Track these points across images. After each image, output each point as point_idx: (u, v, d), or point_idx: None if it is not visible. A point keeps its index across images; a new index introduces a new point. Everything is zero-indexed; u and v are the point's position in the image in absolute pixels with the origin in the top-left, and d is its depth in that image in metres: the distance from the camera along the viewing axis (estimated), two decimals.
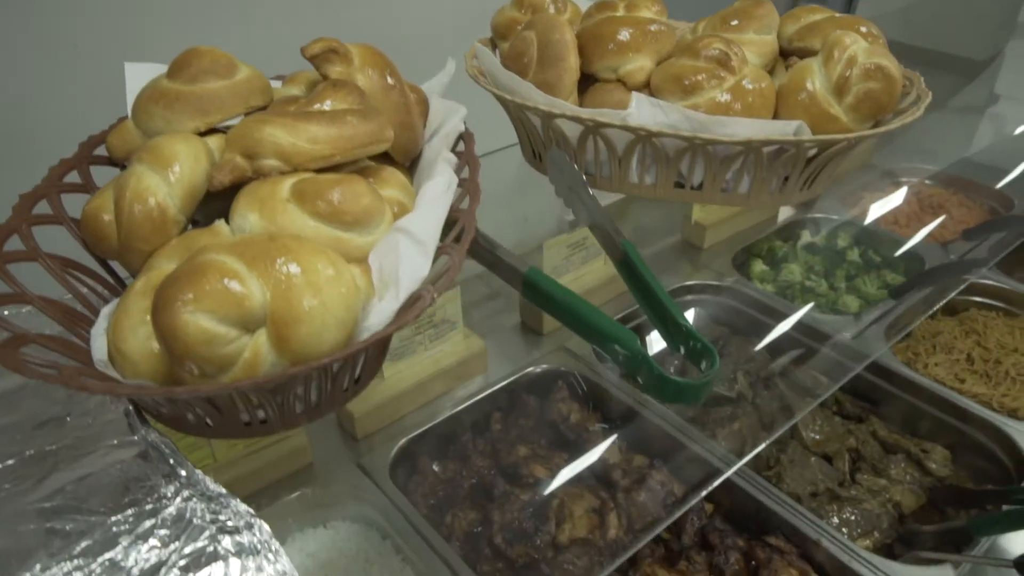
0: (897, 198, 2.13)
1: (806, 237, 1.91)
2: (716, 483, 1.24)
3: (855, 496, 1.28)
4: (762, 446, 1.44)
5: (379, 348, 0.66)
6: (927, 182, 2.21)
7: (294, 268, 0.45)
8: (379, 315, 0.53)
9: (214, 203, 0.64)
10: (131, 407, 0.51)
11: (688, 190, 1.05)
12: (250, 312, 0.46)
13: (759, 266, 1.83)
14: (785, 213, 1.98)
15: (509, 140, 1.32)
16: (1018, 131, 2.19)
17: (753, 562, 1.18)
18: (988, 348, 1.59)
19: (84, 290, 0.65)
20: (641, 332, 0.77)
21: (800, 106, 1.00)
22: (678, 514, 1.25)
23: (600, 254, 1.63)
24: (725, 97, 0.99)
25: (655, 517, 1.24)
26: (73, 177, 0.79)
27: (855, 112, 0.98)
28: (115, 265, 0.73)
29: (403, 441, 1.30)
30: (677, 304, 0.67)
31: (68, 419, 0.56)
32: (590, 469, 1.32)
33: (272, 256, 0.46)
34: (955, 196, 2.12)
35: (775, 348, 1.63)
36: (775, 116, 1.02)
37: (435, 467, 1.33)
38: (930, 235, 1.94)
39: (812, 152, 0.98)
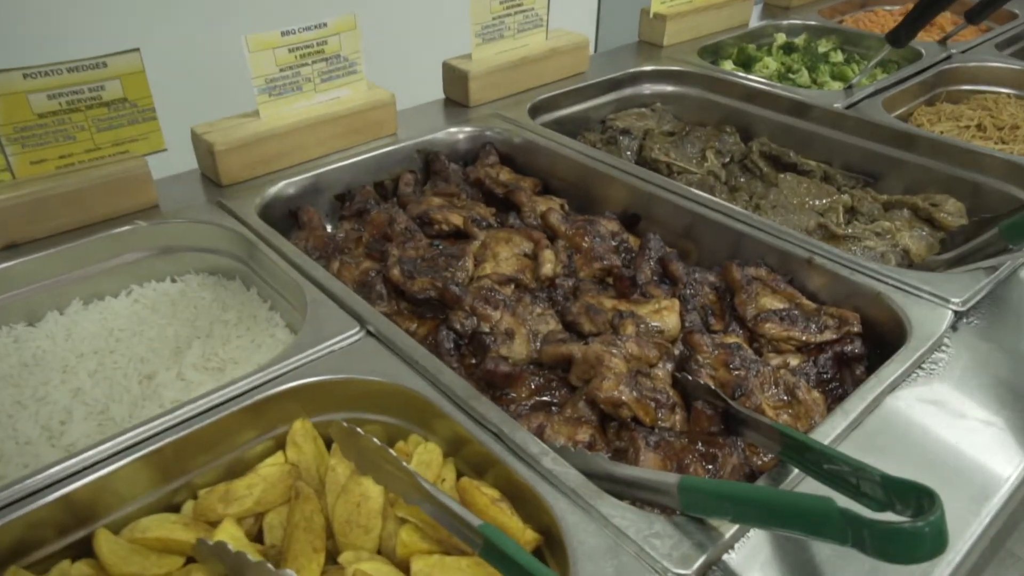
0: (884, 14, 1.89)
1: (781, 39, 1.65)
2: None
3: (855, 235, 1.02)
4: None
5: None
6: None
7: None
8: None
9: None
10: None
11: None
12: None
13: (728, 66, 1.58)
14: (756, 19, 1.73)
15: None
16: None
17: (729, 298, 0.91)
18: (1001, 118, 1.34)
19: None
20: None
21: None
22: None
23: (542, 26, 1.36)
24: None
25: (605, 263, 0.97)
26: None
27: None
28: None
29: (282, 184, 1.02)
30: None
31: None
32: (523, 220, 1.05)
33: None
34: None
35: (752, 131, 1.37)
36: None
37: (326, 225, 1.06)
38: (926, 34, 1.69)
39: None
